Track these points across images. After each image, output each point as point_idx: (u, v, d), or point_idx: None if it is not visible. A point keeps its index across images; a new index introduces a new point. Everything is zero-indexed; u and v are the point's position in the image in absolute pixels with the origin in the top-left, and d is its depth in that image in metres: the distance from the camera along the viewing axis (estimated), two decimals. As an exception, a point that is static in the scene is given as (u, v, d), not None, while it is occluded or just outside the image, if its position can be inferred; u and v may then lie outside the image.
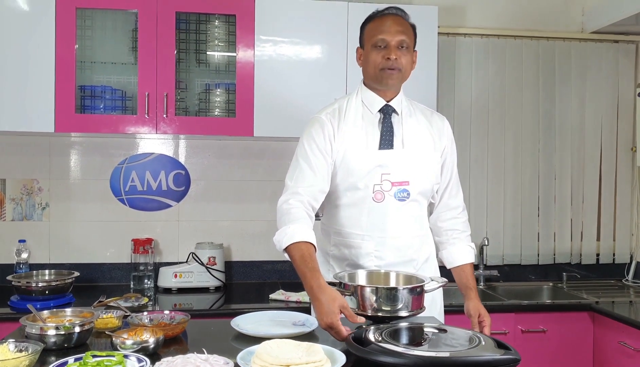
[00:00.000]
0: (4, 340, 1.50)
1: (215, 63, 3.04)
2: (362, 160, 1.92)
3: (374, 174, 1.92)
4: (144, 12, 2.78)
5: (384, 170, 1.92)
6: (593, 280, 3.42)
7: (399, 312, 1.70)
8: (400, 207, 1.94)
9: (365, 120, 1.97)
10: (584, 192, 3.48)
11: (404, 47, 1.94)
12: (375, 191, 1.92)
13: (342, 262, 2.00)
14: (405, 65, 1.95)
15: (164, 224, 3.19)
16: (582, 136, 3.47)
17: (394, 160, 1.93)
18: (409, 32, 1.95)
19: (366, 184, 1.92)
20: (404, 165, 1.94)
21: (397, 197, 1.93)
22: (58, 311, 1.72)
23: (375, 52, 1.93)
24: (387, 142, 1.94)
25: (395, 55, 1.91)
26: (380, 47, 1.92)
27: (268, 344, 1.45)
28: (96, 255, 3.13)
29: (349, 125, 1.96)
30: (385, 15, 1.96)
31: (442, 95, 3.27)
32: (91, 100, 2.86)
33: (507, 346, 1.48)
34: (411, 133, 1.99)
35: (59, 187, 3.11)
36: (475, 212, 3.39)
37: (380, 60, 1.92)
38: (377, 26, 1.94)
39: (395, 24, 1.93)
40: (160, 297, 2.89)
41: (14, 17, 2.70)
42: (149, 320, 1.75)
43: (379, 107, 1.98)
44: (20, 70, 2.71)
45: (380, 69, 1.93)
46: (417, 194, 1.97)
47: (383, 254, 1.96)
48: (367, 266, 1.96)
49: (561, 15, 3.49)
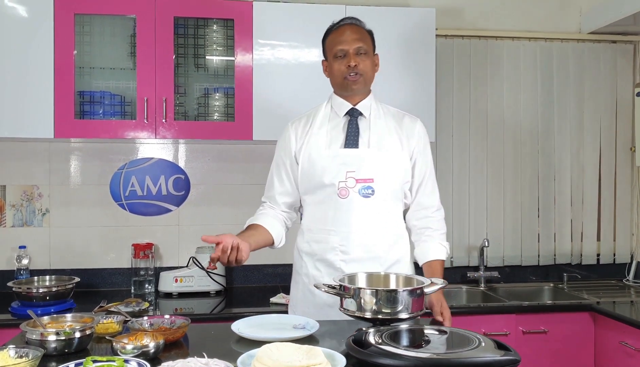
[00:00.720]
0: (4, 346, 1.50)
1: (214, 67, 3.04)
2: (326, 158, 2.04)
3: (338, 171, 2.02)
4: (142, 17, 2.79)
5: (349, 167, 2.02)
6: (594, 280, 3.42)
7: (399, 314, 1.70)
8: (366, 203, 2.02)
9: (331, 123, 2.10)
10: (584, 192, 3.49)
11: (362, 53, 2.06)
12: (340, 188, 2.02)
13: (312, 258, 2.09)
14: (366, 70, 2.07)
15: (164, 228, 3.19)
16: (581, 137, 3.48)
17: (358, 158, 2.03)
18: (366, 39, 2.08)
19: (331, 181, 2.03)
20: (368, 164, 2.03)
21: (361, 193, 2.02)
22: (58, 317, 1.72)
23: (337, 62, 2.06)
24: (352, 141, 2.05)
25: (355, 62, 2.03)
26: (341, 56, 2.05)
27: (268, 348, 1.45)
28: (97, 260, 3.13)
29: (315, 128, 2.10)
30: (341, 26, 2.08)
31: (440, 96, 3.28)
32: (90, 105, 2.87)
33: (507, 347, 1.48)
34: (378, 134, 2.08)
35: (59, 192, 3.11)
36: (475, 214, 3.39)
37: (342, 69, 2.05)
38: (335, 38, 2.07)
39: (351, 32, 2.06)
40: (161, 302, 2.89)
41: (13, 24, 2.71)
42: (149, 325, 1.75)
43: (346, 110, 2.10)
44: (19, 77, 2.71)
45: (343, 77, 2.05)
46: (382, 191, 2.04)
47: (348, 249, 2.03)
48: (333, 260, 2.04)
49: (559, 16, 3.50)
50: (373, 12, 2.96)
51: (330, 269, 2.04)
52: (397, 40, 2.96)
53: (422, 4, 3.27)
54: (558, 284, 3.34)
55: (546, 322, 2.82)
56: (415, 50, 2.99)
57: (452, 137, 3.36)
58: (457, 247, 3.39)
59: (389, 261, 2.06)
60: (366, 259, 2.03)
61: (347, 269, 2.01)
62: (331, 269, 2.04)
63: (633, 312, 2.80)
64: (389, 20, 2.96)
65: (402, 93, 2.97)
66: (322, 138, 2.07)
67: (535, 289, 3.35)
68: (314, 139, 2.08)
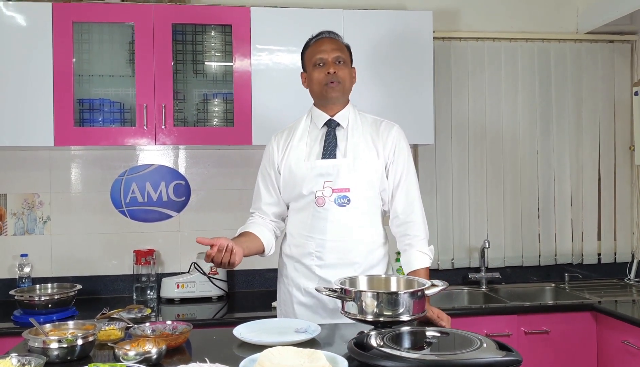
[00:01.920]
0: (7, 354, 1.50)
1: (213, 73, 3.05)
2: (305, 169, 2.12)
3: (316, 181, 2.10)
4: (140, 24, 2.80)
5: (326, 178, 2.10)
6: (595, 280, 3.42)
7: (400, 317, 1.70)
8: (341, 211, 2.08)
9: (310, 136, 2.18)
10: (584, 192, 3.49)
11: (341, 62, 2.13)
12: (317, 197, 2.09)
13: (291, 260, 2.18)
14: (345, 78, 2.14)
15: (165, 234, 3.19)
16: (580, 136, 3.48)
17: (335, 168, 2.10)
18: (343, 50, 2.16)
19: (310, 191, 2.10)
20: (344, 174, 2.09)
21: (337, 203, 2.09)
22: (61, 324, 1.72)
23: (316, 71, 2.13)
24: (330, 152, 2.12)
25: (334, 69, 2.10)
26: (320, 65, 2.12)
27: (270, 352, 1.45)
28: (98, 267, 3.14)
29: (296, 141, 2.18)
30: (320, 38, 2.17)
31: (438, 99, 3.28)
32: (90, 113, 2.87)
33: (508, 348, 1.48)
34: (355, 144, 2.13)
35: (59, 200, 3.12)
36: (475, 215, 3.40)
37: (321, 77, 2.12)
38: (314, 49, 2.15)
39: (330, 43, 2.14)
40: (163, 308, 2.89)
41: (12, 33, 2.72)
42: (151, 331, 1.75)
43: (324, 121, 2.16)
44: (19, 85, 2.72)
45: (323, 84, 2.11)
46: (358, 200, 2.10)
47: (323, 255, 2.10)
48: (309, 265, 2.12)
49: (556, 17, 3.51)
50: (370, 15, 2.97)
51: (307, 272, 2.13)
52: (394, 43, 2.97)
53: (419, 7, 3.28)
54: (559, 284, 3.34)
55: (548, 322, 2.82)
56: (413, 53, 3.00)
57: (451, 138, 3.37)
58: (457, 248, 3.40)
59: (363, 266, 2.10)
60: (340, 265, 2.08)
61: (321, 274, 2.10)
62: (308, 271, 2.13)
63: (635, 311, 2.80)
64: (386, 23, 2.98)
65: (400, 96, 2.98)
66: (301, 150, 2.15)
67: (536, 289, 3.35)
68: (294, 151, 2.16)
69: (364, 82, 2.94)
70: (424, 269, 2.10)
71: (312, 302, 2.12)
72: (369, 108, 2.94)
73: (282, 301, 2.24)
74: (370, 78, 2.94)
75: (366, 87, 2.93)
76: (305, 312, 2.12)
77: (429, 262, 2.12)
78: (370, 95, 2.94)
